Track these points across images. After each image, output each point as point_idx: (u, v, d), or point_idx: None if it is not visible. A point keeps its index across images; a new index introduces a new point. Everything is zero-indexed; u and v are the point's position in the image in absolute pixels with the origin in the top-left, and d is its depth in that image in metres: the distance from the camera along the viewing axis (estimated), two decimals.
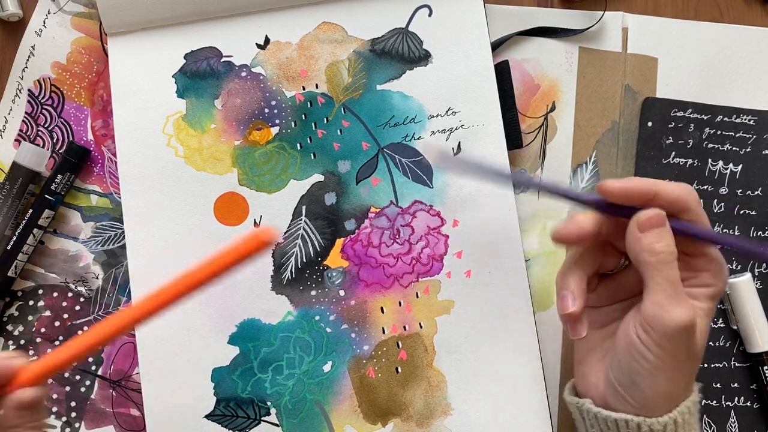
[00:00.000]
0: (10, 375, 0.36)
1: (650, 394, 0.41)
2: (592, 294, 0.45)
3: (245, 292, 0.51)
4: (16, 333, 0.52)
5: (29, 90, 0.53)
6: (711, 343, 0.52)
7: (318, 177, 0.52)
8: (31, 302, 0.52)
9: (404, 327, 0.51)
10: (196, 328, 0.51)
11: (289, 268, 0.51)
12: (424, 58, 0.52)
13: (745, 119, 0.53)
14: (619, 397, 0.42)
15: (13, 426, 0.36)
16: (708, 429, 0.51)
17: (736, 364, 0.52)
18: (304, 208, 0.52)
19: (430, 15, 0.52)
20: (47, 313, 0.52)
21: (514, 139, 0.51)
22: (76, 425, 0.52)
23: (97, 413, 0.52)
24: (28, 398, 0.36)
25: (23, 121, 0.53)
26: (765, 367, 0.50)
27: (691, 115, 0.53)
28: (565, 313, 0.42)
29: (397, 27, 0.52)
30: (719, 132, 0.53)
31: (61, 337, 0.52)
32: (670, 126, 0.53)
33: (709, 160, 0.53)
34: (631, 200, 0.41)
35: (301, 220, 0.52)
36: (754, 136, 0.53)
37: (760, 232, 0.53)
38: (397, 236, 0.51)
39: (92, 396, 0.52)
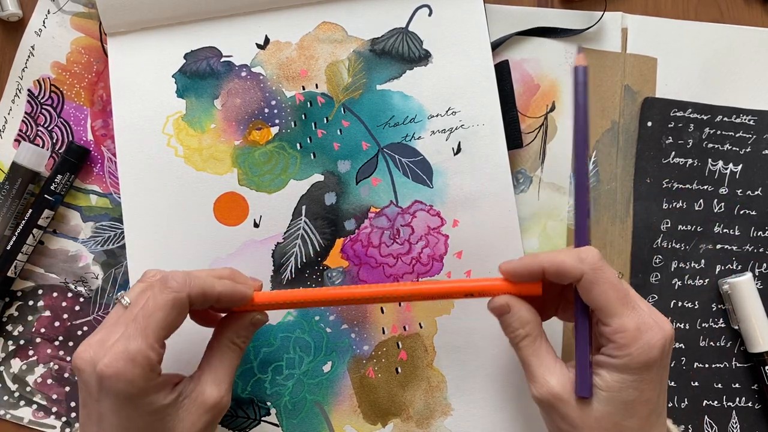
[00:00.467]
0: (249, 299, 0.44)
1: None
2: (561, 313, 0.46)
3: None
4: (15, 333, 0.52)
5: (29, 90, 0.54)
6: (712, 343, 0.52)
7: (318, 177, 0.52)
8: (30, 302, 0.52)
9: (404, 327, 0.51)
10: (197, 328, 0.50)
11: (289, 268, 0.51)
12: (424, 58, 0.52)
13: (745, 119, 0.53)
14: None
15: (240, 337, 0.44)
16: (709, 429, 0.51)
17: (737, 365, 0.52)
18: (304, 208, 0.52)
19: (430, 15, 0.52)
20: (47, 313, 0.52)
21: (514, 139, 0.51)
22: (76, 425, 0.51)
23: None
24: (260, 320, 0.45)
25: (23, 121, 0.53)
26: (766, 367, 0.50)
27: (691, 115, 0.53)
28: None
29: (397, 27, 0.52)
30: (719, 132, 0.53)
31: (60, 337, 0.52)
32: (669, 126, 0.53)
33: (709, 160, 0.53)
34: (527, 278, 0.42)
35: (301, 220, 0.52)
36: (754, 136, 0.53)
37: (760, 232, 0.52)
38: (397, 236, 0.51)
39: None
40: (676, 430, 0.43)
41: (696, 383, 0.51)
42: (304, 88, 0.52)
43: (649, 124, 0.53)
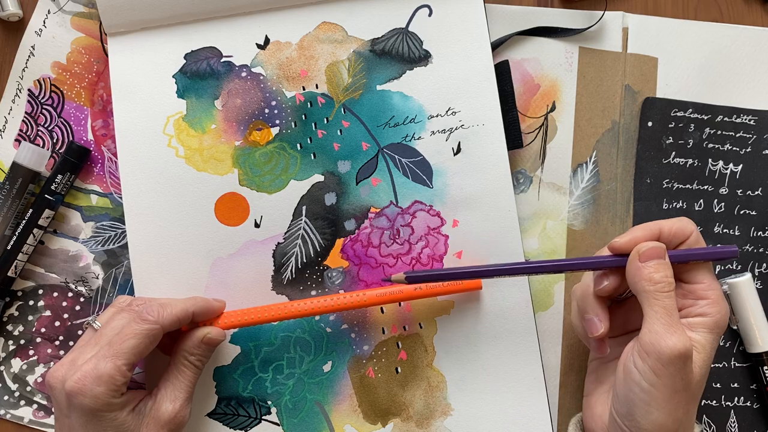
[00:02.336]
0: (214, 315, 0.48)
1: (644, 425, 0.41)
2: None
3: (246, 292, 0.51)
4: (16, 333, 0.52)
5: (29, 90, 0.53)
6: None
7: (318, 177, 0.52)
8: (31, 302, 0.52)
9: (404, 327, 0.51)
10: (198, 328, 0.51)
11: (290, 268, 0.51)
12: (424, 58, 0.52)
13: (745, 119, 0.53)
14: (617, 429, 0.43)
15: (194, 355, 0.47)
16: (708, 429, 0.51)
17: (736, 364, 0.52)
18: (304, 208, 0.52)
19: (430, 15, 0.52)
20: (47, 313, 0.52)
21: (514, 139, 0.51)
22: None
23: None
24: (215, 337, 0.47)
25: (23, 121, 0.53)
26: (765, 367, 0.50)
27: (692, 115, 0.53)
28: (594, 336, 0.44)
29: (397, 27, 0.52)
30: (719, 132, 0.53)
31: (61, 337, 0.52)
32: (670, 126, 0.53)
33: (710, 160, 0.53)
34: (648, 239, 0.43)
35: (301, 220, 0.52)
36: (755, 136, 0.53)
37: (760, 232, 0.53)
38: (396, 236, 0.51)
39: None
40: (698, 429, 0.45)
41: None
42: (304, 89, 0.52)
43: (650, 124, 0.53)
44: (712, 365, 0.51)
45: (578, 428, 0.47)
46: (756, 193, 0.53)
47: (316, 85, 0.52)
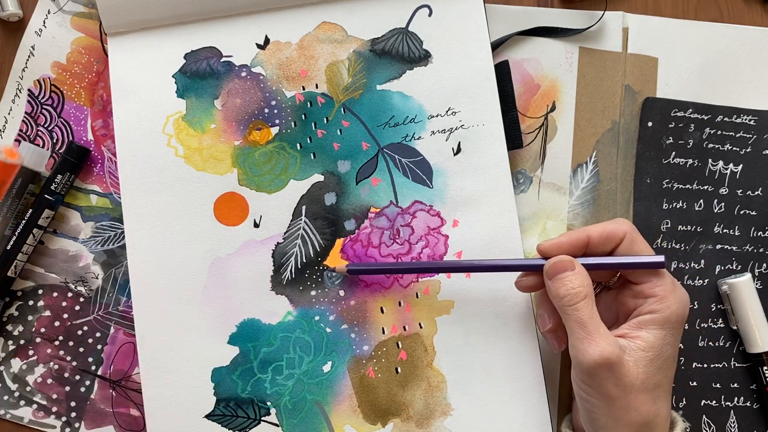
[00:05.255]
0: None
1: (597, 430, 0.42)
2: None
3: (245, 292, 0.51)
4: (15, 333, 0.52)
5: (29, 90, 0.53)
6: (711, 343, 0.52)
7: (318, 177, 0.52)
8: (31, 302, 0.52)
9: (404, 327, 0.51)
10: (196, 328, 0.51)
11: (289, 269, 0.51)
12: (424, 58, 0.52)
13: (745, 119, 0.53)
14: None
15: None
16: (707, 429, 0.51)
17: (736, 365, 0.52)
18: (304, 208, 0.52)
19: (430, 15, 0.52)
20: (47, 313, 0.52)
21: (514, 139, 0.51)
22: (76, 425, 0.52)
23: (97, 413, 0.52)
24: None
25: (23, 121, 0.53)
26: (765, 368, 0.50)
27: (692, 115, 0.53)
28: (543, 330, 0.46)
29: (397, 27, 0.52)
30: (719, 132, 0.53)
31: (61, 337, 0.52)
32: (670, 126, 0.53)
33: (710, 160, 0.53)
34: (569, 252, 0.44)
35: (301, 220, 0.52)
36: (755, 136, 0.53)
37: (760, 232, 0.52)
38: (396, 236, 0.51)
39: (92, 396, 0.52)
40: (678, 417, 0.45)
41: (694, 383, 0.51)
42: (304, 88, 0.52)
43: (650, 124, 0.53)
44: (712, 365, 0.51)
45: (569, 426, 0.48)
46: (756, 193, 0.53)
47: (316, 85, 0.52)
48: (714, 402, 0.51)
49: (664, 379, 0.42)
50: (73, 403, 0.52)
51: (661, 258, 0.43)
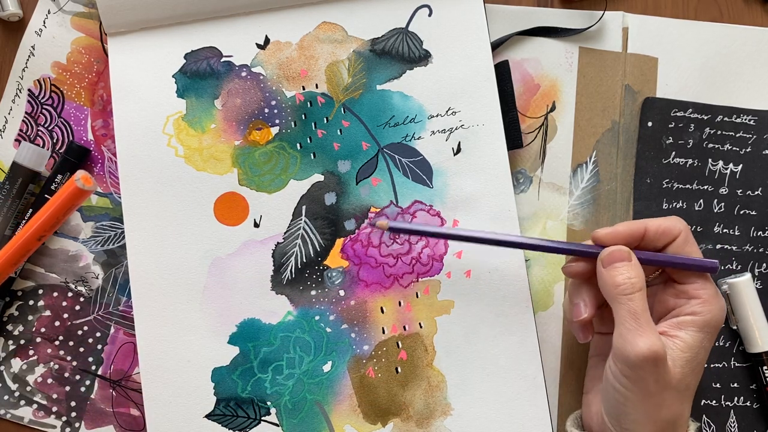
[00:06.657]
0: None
1: (626, 425, 0.42)
2: (597, 319, 0.47)
3: (245, 292, 0.51)
4: (16, 333, 0.52)
5: (29, 90, 0.54)
6: None
7: (318, 177, 0.52)
8: (31, 302, 0.52)
9: (404, 327, 0.51)
10: (196, 328, 0.51)
11: (289, 268, 0.51)
12: (424, 58, 0.52)
13: (745, 119, 0.53)
14: (607, 428, 0.43)
15: None
16: (707, 429, 0.51)
17: (736, 364, 0.52)
18: (304, 208, 0.52)
19: (430, 15, 0.52)
20: (47, 312, 0.52)
21: (514, 139, 0.51)
22: (76, 425, 0.52)
23: (97, 413, 0.52)
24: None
25: (23, 120, 0.53)
26: (765, 367, 0.50)
27: (691, 115, 0.53)
28: (578, 320, 0.45)
29: (397, 27, 0.52)
30: (719, 132, 0.53)
31: (61, 337, 0.52)
32: (670, 126, 0.53)
33: (709, 160, 0.53)
34: (625, 243, 0.44)
35: (301, 220, 0.52)
36: (754, 136, 0.53)
37: (760, 232, 0.53)
38: (397, 236, 0.51)
39: (92, 396, 0.52)
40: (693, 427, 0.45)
41: None
42: (304, 88, 0.52)
43: (650, 124, 0.53)
44: (712, 365, 0.51)
45: (576, 425, 0.47)
46: (756, 193, 0.53)
47: (316, 85, 0.52)
48: (714, 402, 0.51)
49: (694, 381, 0.42)
50: (73, 403, 0.52)
51: (715, 262, 0.43)
